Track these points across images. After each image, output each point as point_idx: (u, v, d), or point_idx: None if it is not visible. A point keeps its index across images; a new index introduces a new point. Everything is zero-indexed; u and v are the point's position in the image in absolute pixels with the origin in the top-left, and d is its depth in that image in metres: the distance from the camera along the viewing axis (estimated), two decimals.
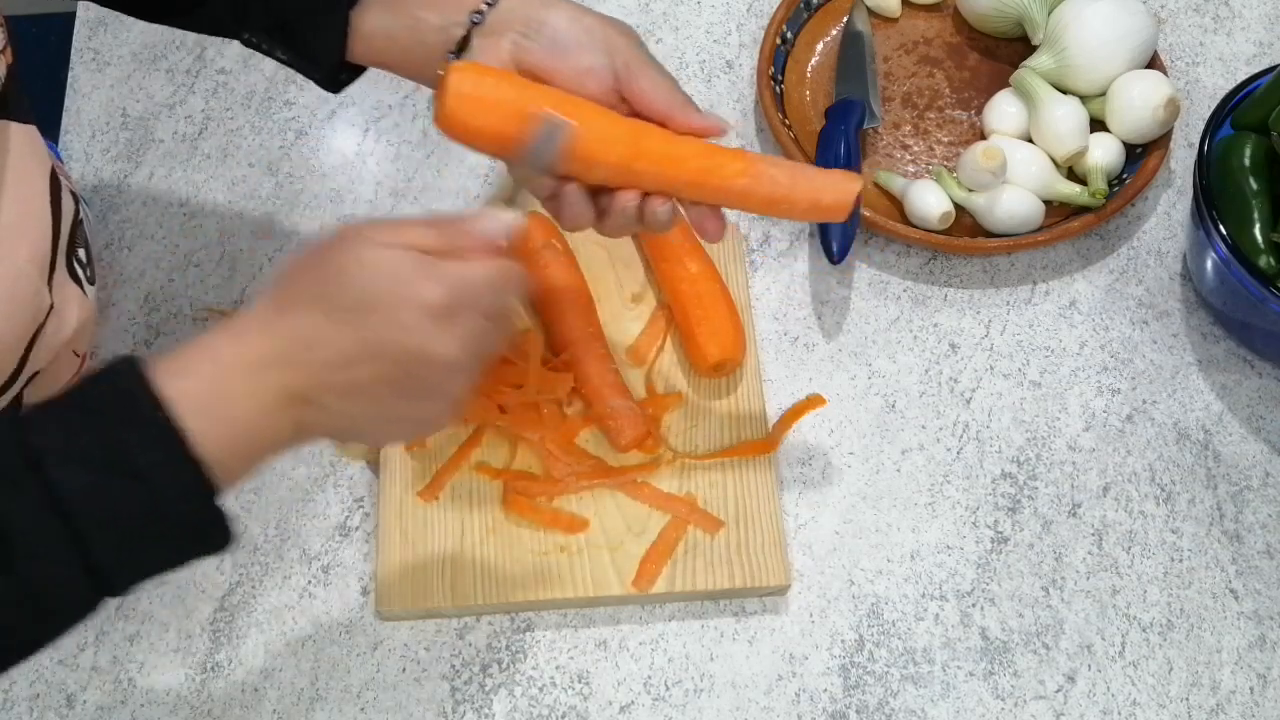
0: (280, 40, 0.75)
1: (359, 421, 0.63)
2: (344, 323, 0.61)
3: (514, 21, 0.69)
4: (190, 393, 0.58)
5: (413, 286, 0.61)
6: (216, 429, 0.58)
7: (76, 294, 0.83)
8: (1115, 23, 0.98)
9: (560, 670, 0.82)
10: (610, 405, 0.86)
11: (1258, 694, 0.83)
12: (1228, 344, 0.95)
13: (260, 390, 0.60)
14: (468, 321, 0.63)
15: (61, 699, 0.81)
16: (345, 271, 0.61)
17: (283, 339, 0.61)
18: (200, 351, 0.60)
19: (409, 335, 0.61)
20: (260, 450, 0.61)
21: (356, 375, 0.61)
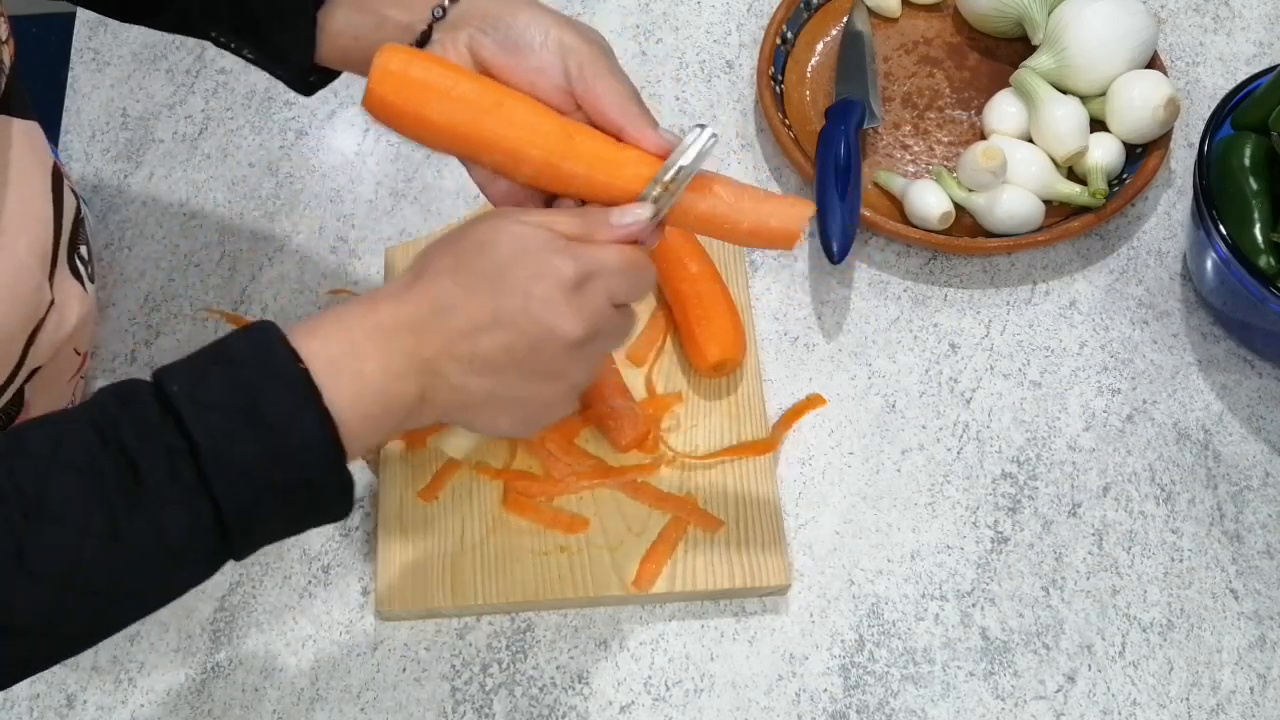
0: (249, 39, 0.75)
1: (478, 398, 0.64)
2: (476, 290, 0.62)
3: (473, 17, 0.69)
4: (323, 352, 0.59)
5: (547, 260, 0.62)
6: (347, 387, 0.59)
7: (77, 291, 0.83)
8: (1115, 23, 0.98)
9: (560, 670, 0.82)
10: (610, 405, 0.86)
11: (1258, 694, 0.83)
12: (1228, 344, 0.95)
13: (389, 353, 0.61)
14: (597, 302, 0.64)
15: (61, 699, 0.81)
16: (482, 243, 0.63)
17: (416, 305, 0.62)
18: (335, 317, 0.62)
19: (539, 307, 0.62)
20: (386, 416, 0.61)
21: (482, 345, 0.62)
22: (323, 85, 0.77)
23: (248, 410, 0.57)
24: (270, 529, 0.60)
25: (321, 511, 0.61)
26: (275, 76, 0.77)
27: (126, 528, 0.55)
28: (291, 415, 0.57)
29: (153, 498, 0.55)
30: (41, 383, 0.80)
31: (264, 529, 0.60)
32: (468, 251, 0.63)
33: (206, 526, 0.57)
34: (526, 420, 0.67)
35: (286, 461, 0.57)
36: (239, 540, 0.59)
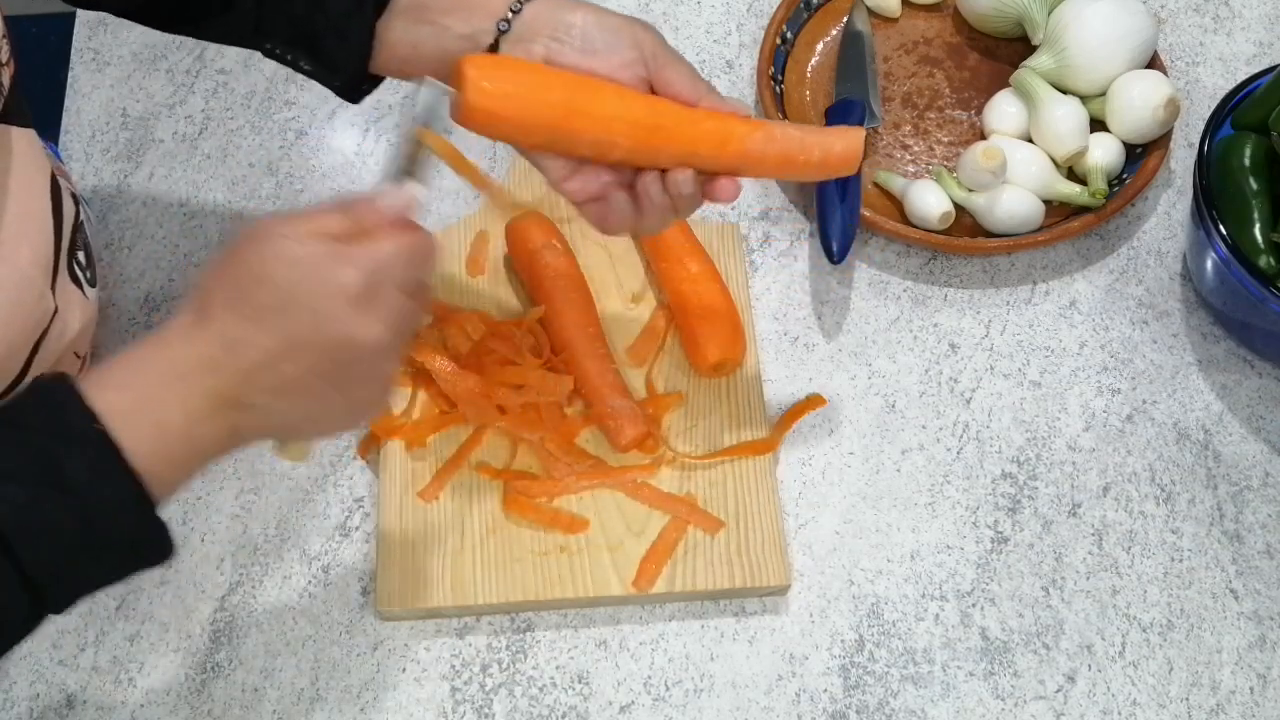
0: (304, 51, 0.75)
1: (295, 419, 0.63)
2: (265, 321, 0.60)
3: (542, 27, 0.70)
4: (120, 405, 0.58)
5: (328, 275, 0.61)
6: (149, 439, 0.58)
7: (78, 296, 0.83)
8: (1115, 23, 0.98)
9: (560, 670, 0.82)
10: (610, 405, 0.86)
11: (1258, 694, 0.83)
12: (1228, 344, 0.95)
13: (190, 397, 0.60)
14: (388, 300, 0.62)
15: (61, 699, 0.81)
16: (259, 270, 0.61)
17: (207, 345, 0.60)
18: (128, 364, 0.60)
19: (332, 324, 0.61)
20: (195, 458, 0.61)
21: (286, 372, 0.61)
22: (371, 92, 0.78)
23: (46, 476, 0.56)
24: (88, 584, 0.59)
25: (139, 560, 0.60)
26: (327, 86, 0.77)
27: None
28: (94, 478, 0.56)
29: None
30: None
31: (81, 585, 0.59)
32: (245, 283, 0.61)
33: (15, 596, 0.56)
34: (349, 421, 0.67)
35: (95, 523, 0.57)
36: (54, 600, 0.58)
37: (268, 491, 0.87)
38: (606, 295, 0.93)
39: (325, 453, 0.88)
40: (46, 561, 0.56)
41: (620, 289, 0.94)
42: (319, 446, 0.87)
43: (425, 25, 0.72)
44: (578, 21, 0.70)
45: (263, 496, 0.87)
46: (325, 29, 0.73)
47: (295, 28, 0.74)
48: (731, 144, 0.71)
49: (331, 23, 0.73)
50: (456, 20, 0.71)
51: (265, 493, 0.87)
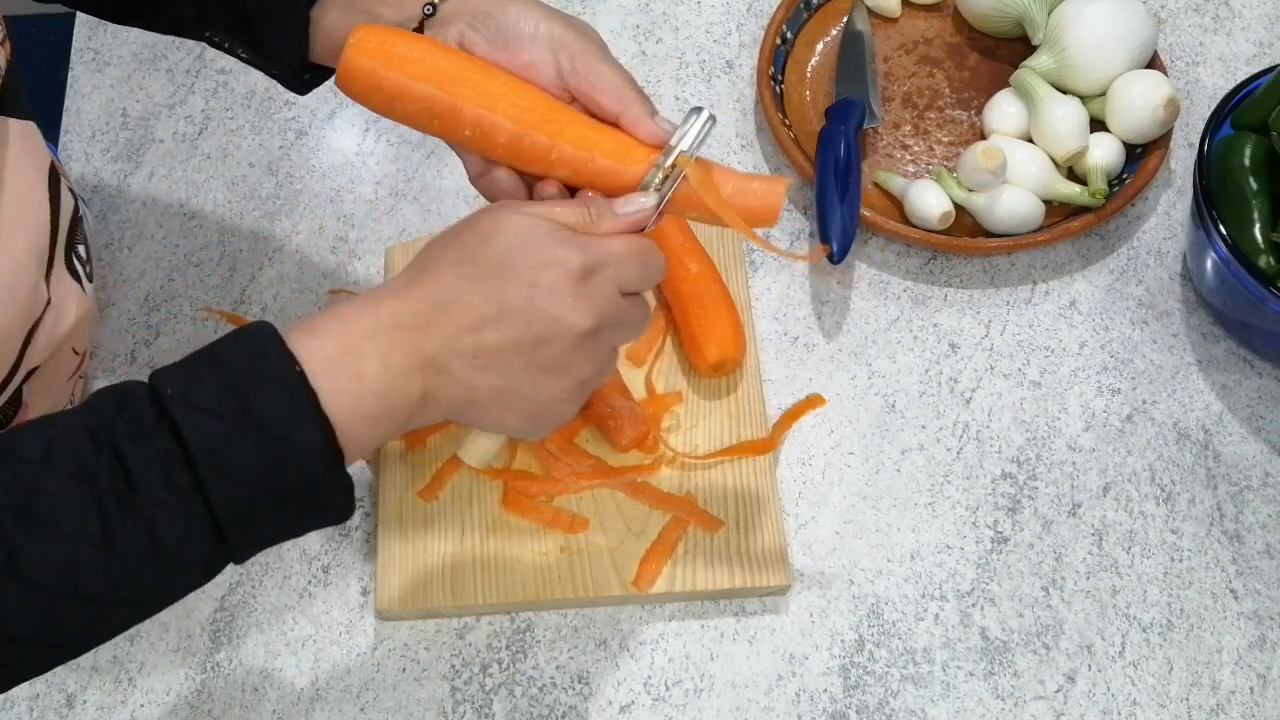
0: (243, 39, 0.75)
1: (484, 395, 0.62)
2: (480, 282, 0.61)
3: (463, 13, 0.69)
4: (321, 352, 0.58)
5: (552, 250, 0.61)
6: (345, 388, 0.58)
7: (75, 290, 0.83)
8: (1115, 23, 0.98)
9: (560, 670, 0.82)
10: (610, 405, 0.86)
11: (1258, 694, 0.83)
12: (1228, 344, 0.95)
13: (391, 351, 0.60)
14: (604, 292, 0.62)
15: (61, 699, 0.81)
16: (486, 235, 0.62)
17: (418, 301, 0.61)
18: (334, 316, 0.60)
19: (544, 297, 0.61)
20: (387, 417, 0.60)
21: (488, 339, 0.61)
22: (318, 84, 0.77)
23: (242, 413, 0.56)
24: (269, 533, 0.59)
25: (321, 515, 0.60)
26: (270, 76, 0.77)
27: (120, 532, 0.54)
28: (287, 418, 0.56)
29: (146, 502, 0.54)
30: (40, 382, 0.80)
31: (262, 533, 0.59)
32: (470, 244, 0.62)
33: (201, 531, 0.56)
34: (534, 418, 0.65)
35: (283, 466, 0.57)
36: (237, 544, 0.58)
37: None
38: None
39: None
40: (233, 499, 0.56)
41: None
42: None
43: (358, 13, 0.71)
44: (498, 12, 0.68)
45: None
46: (261, 17, 0.73)
47: (233, 15, 0.74)
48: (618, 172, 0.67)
49: (266, 10, 0.72)
50: (388, 7, 0.71)
51: None
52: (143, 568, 0.56)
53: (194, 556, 0.57)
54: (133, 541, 0.55)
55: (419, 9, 0.70)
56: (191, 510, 0.55)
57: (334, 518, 0.61)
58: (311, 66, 0.75)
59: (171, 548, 0.56)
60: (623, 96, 0.68)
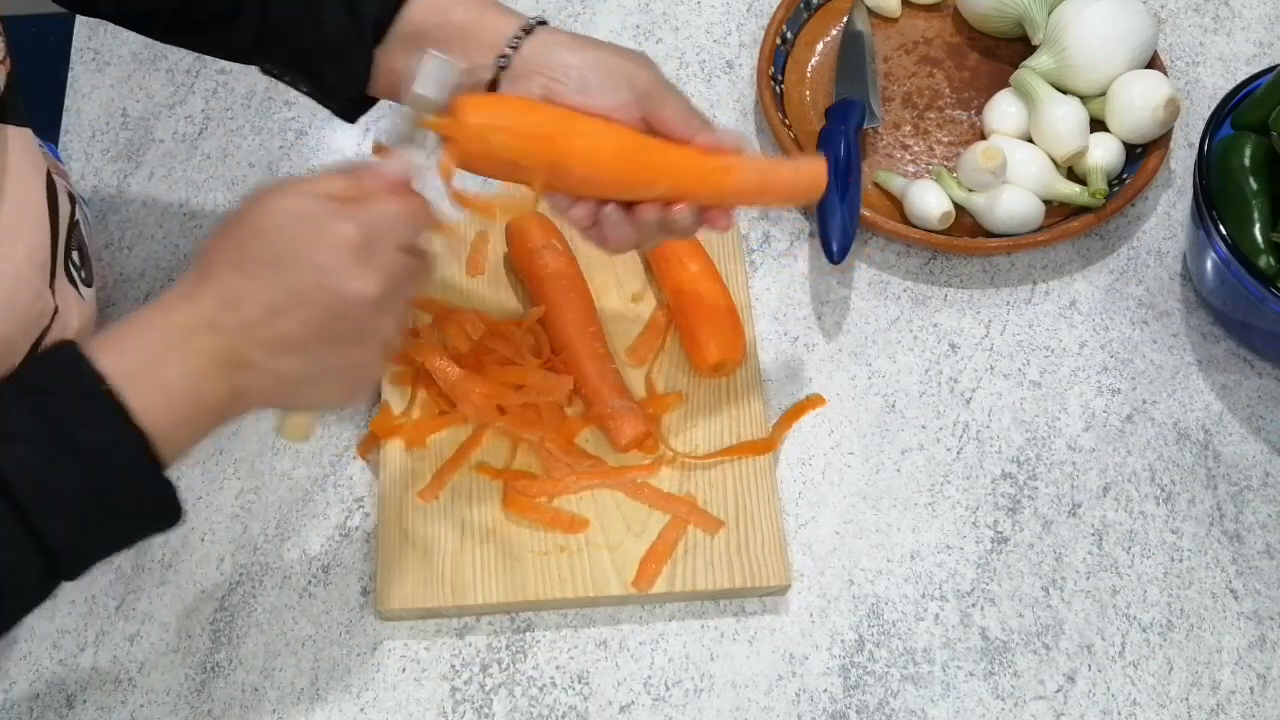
0: (301, 73, 0.76)
1: (293, 379, 0.63)
2: (262, 275, 0.61)
3: (539, 65, 0.71)
4: (126, 366, 0.59)
5: (325, 227, 0.62)
6: (154, 399, 0.59)
7: (74, 296, 0.83)
8: (1115, 23, 0.98)
9: (560, 670, 0.82)
10: (610, 405, 0.86)
11: (1258, 694, 0.83)
12: (1228, 344, 0.95)
13: (192, 356, 0.60)
14: (385, 256, 0.63)
15: (61, 699, 0.81)
16: (258, 226, 0.62)
17: (206, 303, 0.61)
18: (132, 326, 0.61)
19: (328, 275, 0.61)
20: (201, 419, 0.61)
21: (283, 327, 0.61)
22: (366, 111, 0.78)
23: (57, 437, 0.56)
24: (100, 547, 0.60)
25: (151, 522, 0.61)
26: (324, 106, 0.78)
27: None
28: (102, 436, 0.57)
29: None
30: None
31: (94, 549, 0.60)
32: (244, 238, 0.62)
33: (28, 559, 0.56)
34: (348, 385, 0.66)
35: (103, 483, 0.57)
36: (68, 564, 0.58)
37: (268, 491, 0.87)
38: (606, 295, 0.93)
39: (325, 453, 0.89)
40: (59, 523, 0.57)
41: (620, 289, 0.94)
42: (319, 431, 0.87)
43: None
44: (575, 61, 0.71)
45: (263, 496, 0.87)
46: (323, 55, 0.74)
47: (294, 51, 0.75)
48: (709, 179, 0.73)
49: (329, 49, 0.74)
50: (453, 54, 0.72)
51: (265, 493, 0.87)
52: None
53: (23, 583, 0.58)
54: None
55: (489, 58, 0.72)
56: (14, 539, 0.56)
57: (165, 523, 0.61)
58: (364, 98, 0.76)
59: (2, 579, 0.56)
60: (689, 122, 0.72)
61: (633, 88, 0.71)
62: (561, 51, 0.71)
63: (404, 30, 0.73)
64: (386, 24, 0.73)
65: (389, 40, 0.73)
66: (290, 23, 0.74)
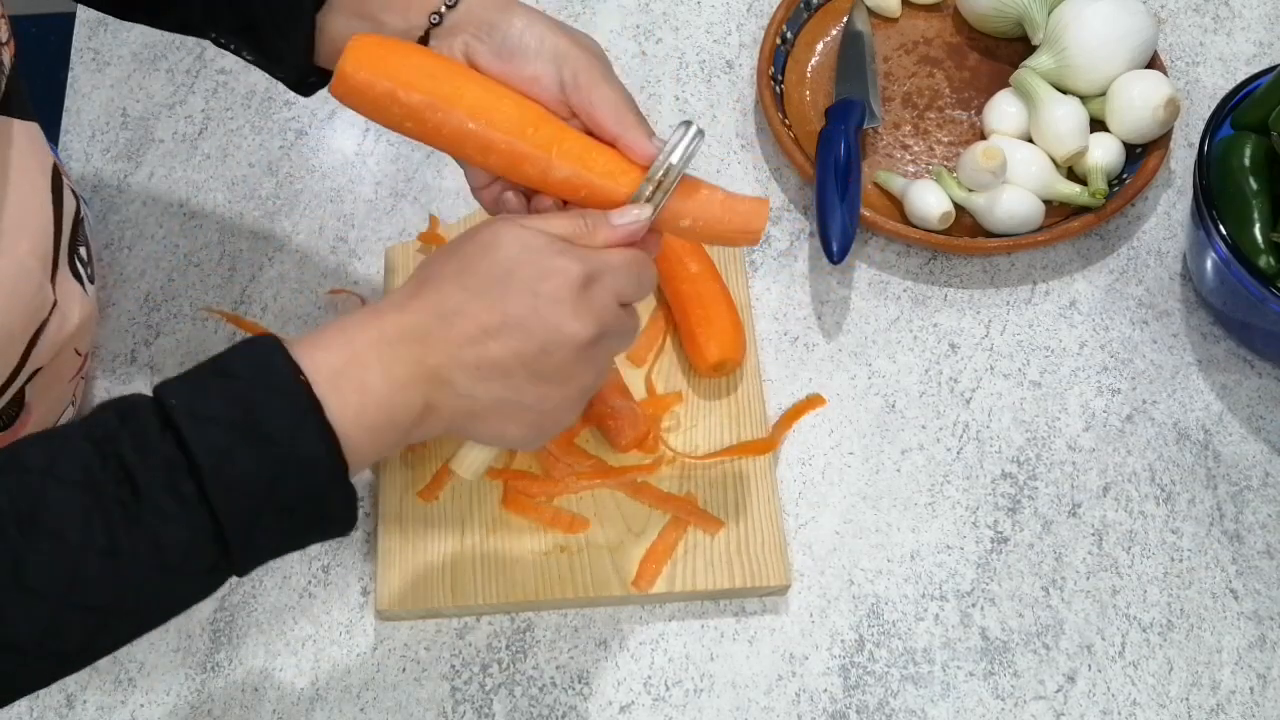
0: (247, 41, 0.75)
1: (486, 406, 0.63)
2: (482, 294, 0.62)
3: (469, 23, 0.69)
4: (325, 364, 0.59)
5: (553, 260, 0.62)
6: (349, 400, 0.59)
7: (78, 292, 0.83)
8: (1115, 23, 0.98)
9: (560, 670, 0.82)
10: (610, 405, 0.86)
11: (1258, 694, 0.83)
12: (1228, 344, 0.95)
13: (394, 362, 0.60)
14: (604, 301, 0.63)
15: (61, 699, 0.81)
16: (485, 246, 0.63)
17: (420, 313, 0.61)
18: (340, 328, 0.61)
19: (547, 307, 0.62)
20: (390, 427, 0.61)
21: (491, 350, 0.61)
22: (321, 86, 0.77)
23: (247, 424, 0.56)
24: (272, 544, 0.60)
25: (324, 527, 0.61)
26: (274, 77, 0.77)
27: (125, 543, 0.54)
28: (292, 429, 0.57)
29: (151, 513, 0.55)
30: (42, 383, 0.80)
31: (265, 544, 0.59)
32: (471, 256, 0.63)
33: (206, 542, 0.56)
34: (535, 427, 0.66)
35: (287, 476, 0.57)
36: (240, 555, 0.58)
37: None
38: None
39: None
40: (237, 509, 0.56)
41: None
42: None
43: (364, 20, 0.72)
44: (503, 24, 0.69)
45: None
46: (266, 19, 0.73)
47: (238, 17, 0.74)
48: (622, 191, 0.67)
49: (271, 14, 0.73)
50: (394, 15, 0.71)
51: None
52: (147, 578, 0.56)
53: (197, 567, 0.57)
54: (137, 551, 0.55)
55: (425, 18, 0.70)
56: (195, 520, 0.55)
57: (337, 530, 0.61)
58: (315, 70, 0.75)
59: (175, 558, 0.56)
60: (622, 118, 0.68)
61: (558, 64, 0.68)
62: (496, 13, 0.69)
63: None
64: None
65: (330, 6, 0.72)
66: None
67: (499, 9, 0.69)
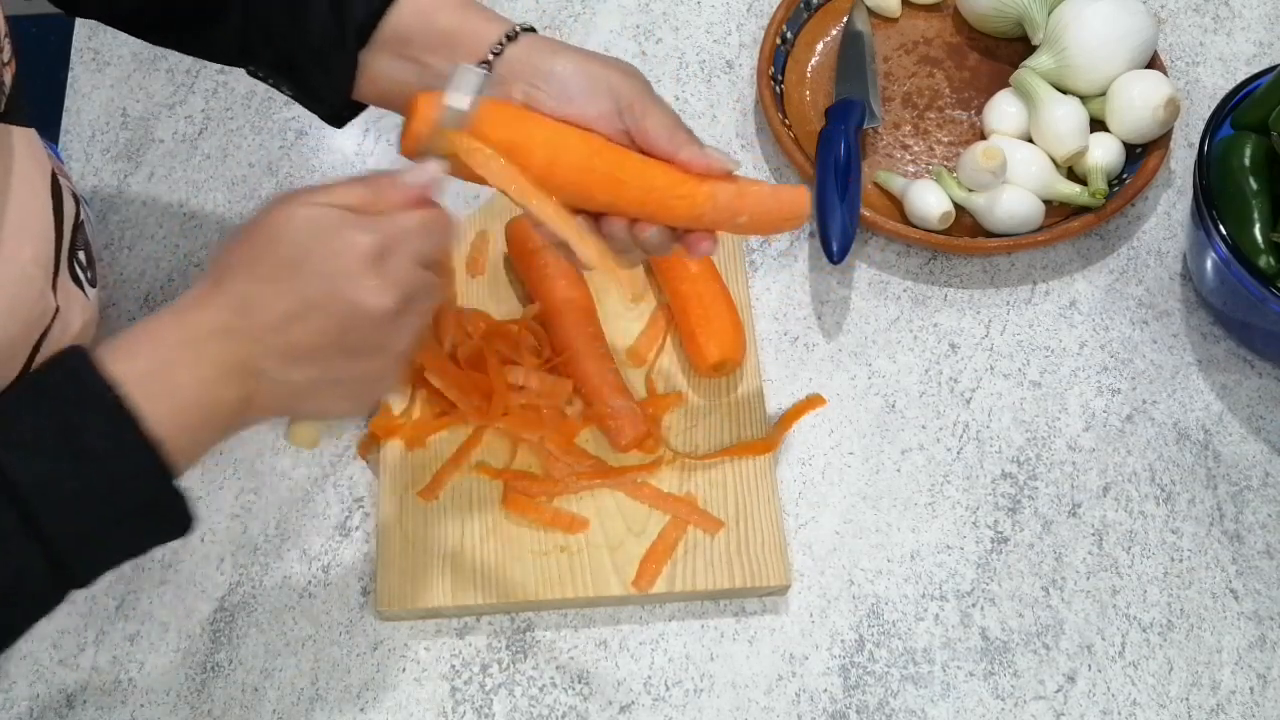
0: (286, 77, 0.76)
1: (304, 388, 0.63)
2: (276, 281, 0.61)
3: (522, 71, 0.70)
4: (135, 372, 0.58)
5: (342, 236, 0.61)
6: (163, 406, 0.58)
7: (79, 296, 0.83)
8: (1115, 23, 0.98)
9: (560, 670, 0.82)
10: (610, 405, 0.86)
11: (1258, 694, 0.83)
12: (1228, 344, 0.95)
13: (203, 363, 0.60)
14: (402, 267, 0.62)
15: (61, 699, 0.81)
16: (274, 233, 0.62)
17: (219, 309, 0.61)
18: (143, 332, 0.61)
19: (343, 284, 0.61)
20: (211, 427, 0.61)
21: (296, 335, 0.61)
22: (353, 118, 0.78)
23: (66, 445, 0.56)
24: (110, 555, 0.60)
25: (160, 531, 0.61)
26: (309, 110, 0.77)
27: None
28: (112, 444, 0.57)
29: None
30: None
31: (104, 557, 0.59)
32: (260, 245, 0.62)
33: (36, 567, 0.56)
34: (359, 397, 0.66)
35: (114, 490, 0.57)
36: (78, 572, 0.58)
37: (268, 491, 0.87)
38: (606, 295, 0.93)
39: (325, 453, 0.88)
40: (69, 532, 0.56)
41: (620, 289, 0.94)
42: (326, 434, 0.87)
43: (408, 62, 0.72)
44: (556, 69, 0.70)
45: (263, 496, 0.87)
46: (307, 58, 0.74)
47: (278, 55, 0.75)
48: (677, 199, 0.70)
49: (313, 53, 0.73)
50: (439, 59, 0.71)
51: (265, 493, 0.87)
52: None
53: (31, 590, 0.57)
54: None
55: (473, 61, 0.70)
56: (23, 548, 0.55)
57: (176, 531, 0.61)
58: (351, 104, 0.76)
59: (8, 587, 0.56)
60: (674, 137, 0.70)
61: (614, 97, 0.70)
62: (545, 58, 0.70)
63: (388, 35, 0.73)
64: (371, 28, 0.72)
65: (374, 44, 0.73)
66: (275, 25, 0.74)
67: (549, 54, 0.71)
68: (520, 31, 0.72)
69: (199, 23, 0.75)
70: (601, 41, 1.08)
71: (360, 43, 0.72)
